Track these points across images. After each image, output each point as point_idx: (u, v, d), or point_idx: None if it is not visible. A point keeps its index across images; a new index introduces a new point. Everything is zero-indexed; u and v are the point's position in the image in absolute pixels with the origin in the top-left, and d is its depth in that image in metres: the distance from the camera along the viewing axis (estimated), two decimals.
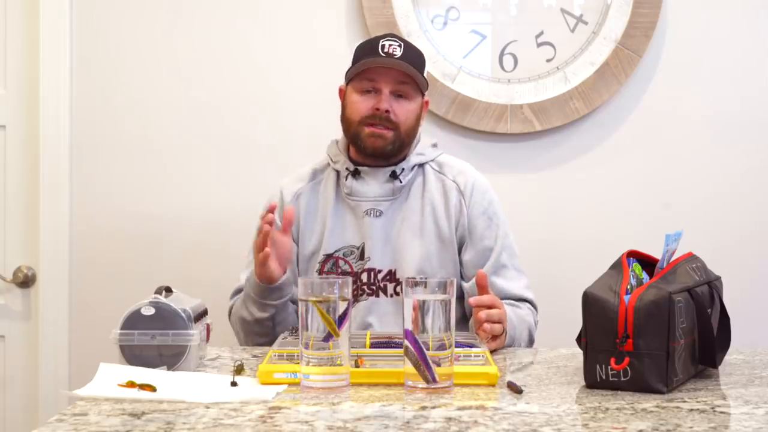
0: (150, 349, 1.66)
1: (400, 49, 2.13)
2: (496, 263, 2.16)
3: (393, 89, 2.13)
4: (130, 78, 2.78)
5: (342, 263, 2.15)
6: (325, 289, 1.54)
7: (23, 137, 2.79)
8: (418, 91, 2.17)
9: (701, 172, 2.76)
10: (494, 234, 2.18)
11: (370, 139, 2.14)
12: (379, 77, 2.13)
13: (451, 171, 2.23)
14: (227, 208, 2.75)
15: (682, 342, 1.57)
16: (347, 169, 2.19)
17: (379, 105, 2.12)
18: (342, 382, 1.53)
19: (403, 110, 2.14)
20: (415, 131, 2.20)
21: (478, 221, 2.18)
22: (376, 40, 2.17)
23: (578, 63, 2.73)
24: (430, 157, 2.23)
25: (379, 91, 2.13)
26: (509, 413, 1.41)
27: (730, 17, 2.76)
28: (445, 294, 1.53)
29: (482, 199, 2.20)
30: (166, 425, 1.33)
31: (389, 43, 2.14)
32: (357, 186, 2.18)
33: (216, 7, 2.77)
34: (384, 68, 2.12)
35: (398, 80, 2.13)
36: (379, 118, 2.12)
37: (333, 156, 2.23)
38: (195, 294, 1.86)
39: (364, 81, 2.14)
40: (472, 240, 2.17)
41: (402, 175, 2.18)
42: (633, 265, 1.65)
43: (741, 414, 1.42)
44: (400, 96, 2.14)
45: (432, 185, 2.20)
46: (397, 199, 2.18)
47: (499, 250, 2.17)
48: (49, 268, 2.76)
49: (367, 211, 2.17)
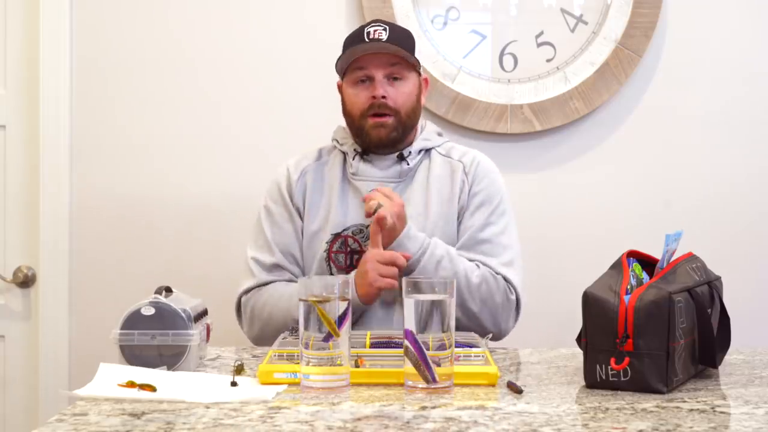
0: (150, 349, 1.66)
1: (386, 32, 2.13)
2: (471, 239, 2.12)
3: (385, 73, 2.13)
4: (130, 78, 2.78)
5: (351, 242, 2.14)
6: (325, 289, 1.54)
7: (23, 137, 2.79)
8: (411, 70, 2.16)
9: (701, 172, 2.76)
10: (485, 212, 2.14)
11: (374, 130, 2.13)
12: (369, 64, 2.13)
13: (457, 153, 2.23)
14: (227, 208, 2.75)
15: (682, 342, 1.57)
16: (355, 150, 2.19)
17: (374, 93, 2.12)
18: (342, 382, 1.53)
19: (400, 93, 2.14)
20: (418, 111, 2.20)
21: (474, 200, 2.16)
22: (362, 28, 2.17)
23: (578, 63, 2.73)
24: (437, 143, 2.23)
25: (372, 78, 2.13)
26: (509, 413, 1.41)
27: (730, 17, 2.76)
28: (445, 294, 1.53)
29: (483, 178, 2.18)
30: (166, 425, 1.33)
31: (374, 29, 2.14)
32: (363, 167, 2.18)
33: (216, 7, 2.77)
34: (372, 54, 2.11)
35: (389, 63, 2.13)
36: (378, 107, 2.12)
37: (340, 138, 2.23)
38: (195, 294, 1.86)
39: (356, 71, 2.14)
40: (465, 216, 2.15)
41: (409, 158, 2.17)
42: (633, 265, 1.65)
43: (741, 414, 1.42)
44: (395, 78, 2.14)
45: (438, 168, 2.19)
46: (403, 182, 2.17)
47: (481, 226, 2.12)
48: (49, 268, 2.76)
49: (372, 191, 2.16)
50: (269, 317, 2.10)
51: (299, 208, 2.20)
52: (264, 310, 2.12)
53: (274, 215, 2.20)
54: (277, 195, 2.22)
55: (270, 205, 2.22)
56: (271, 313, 2.10)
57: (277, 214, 2.20)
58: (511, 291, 2.10)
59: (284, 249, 2.18)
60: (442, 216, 2.15)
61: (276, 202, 2.21)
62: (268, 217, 2.21)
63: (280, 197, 2.21)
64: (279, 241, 2.18)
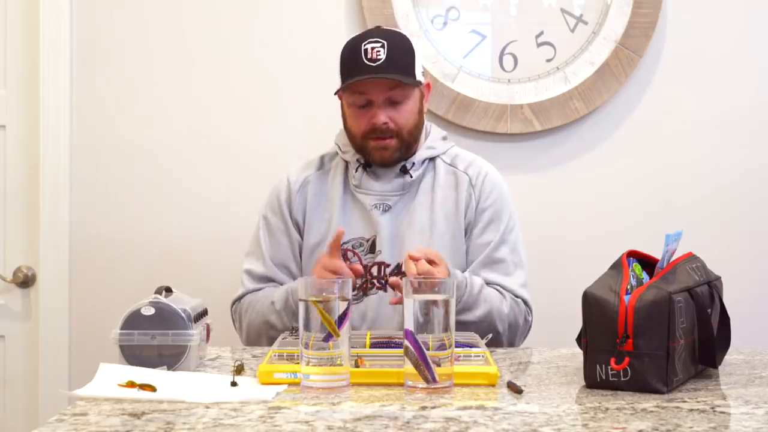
0: (150, 349, 1.66)
1: (384, 50, 2.05)
2: (488, 258, 2.13)
3: (385, 97, 2.09)
4: (130, 78, 2.78)
5: (351, 255, 2.13)
6: (325, 289, 1.54)
7: (23, 137, 2.79)
8: (412, 89, 2.12)
9: (701, 172, 2.76)
10: (496, 229, 2.14)
11: (377, 152, 2.12)
12: (368, 89, 2.08)
13: (462, 163, 2.21)
14: (227, 206, 2.75)
15: (682, 342, 1.57)
16: (358, 161, 2.17)
17: (375, 120, 2.09)
18: (342, 382, 1.53)
19: (401, 115, 2.11)
20: (420, 125, 2.17)
21: (483, 215, 2.15)
22: (359, 44, 2.08)
23: (578, 63, 2.73)
24: (441, 150, 2.21)
25: (372, 103, 2.10)
26: (509, 413, 1.41)
27: (730, 17, 2.76)
28: (446, 294, 1.53)
29: (491, 192, 2.17)
30: (166, 425, 1.33)
31: (372, 47, 2.06)
32: (366, 179, 2.16)
33: (216, 9, 2.77)
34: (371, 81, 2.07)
35: (388, 88, 2.08)
36: (379, 131, 2.10)
37: (342, 145, 2.20)
38: (195, 294, 1.86)
39: (355, 95, 2.11)
40: (474, 233, 2.15)
41: (412, 170, 2.15)
42: (633, 265, 1.65)
43: (741, 414, 1.42)
44: (395, 102, 2.10)
45: (442, 179, 2.17)
46: (407, 194, 2.16)
47: (496, 244, 2.13)
48: (49, 268, 2.76)
49: (375, 205, 2.14)
50: (249, 324, 2.13)
51: (298, 222, 2.19)
52: (245, 318, 2.15)
53: (272, 226, 2.20)
54: (276, 206, 2.21)
55: (269, 216, 2.21)
56: (250, 321, 2.13)
57: (275, 226, 2.20)
58: (529, 313, 2.15)
59: (278, 261, 2.18)
60: (448, 231, 2.14)
61: (275, 213, 2.20)
62: (266, 227, 2.20)
63: (278, 208, 2.20)
64: (274, 252, 2.18)
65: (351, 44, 2.12)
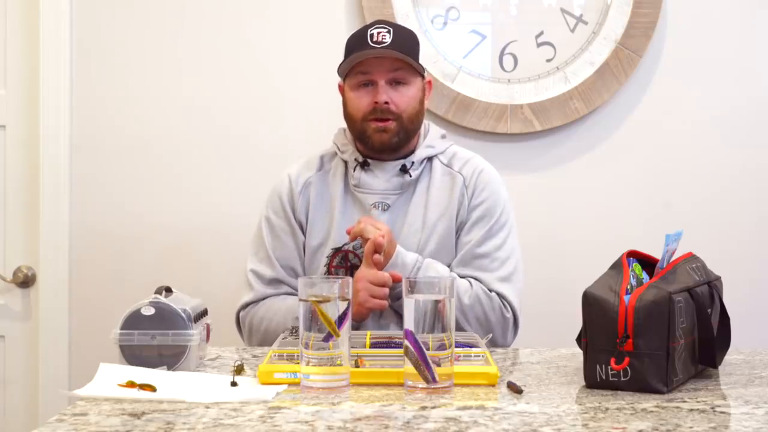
0: (150, 349, 1.66)
1: (390, 35, 2.09)
2: (468, 254, 2.10)
3: (388, 77, 2.10)
4: (130, 78, 2.78)
5: (351, 257, 2.12)
6: (325, 289, 1.54)
7: (23, 137, 2.79)
8: (415, 74, 2.13)
9: (701, 172, 2.76)
10: (484, 225, 2.12)
11: (376, 134, 2.11)
12: (372, 68, 2.10)
13: (458, 162, 2.20)
14: (227, 206, 2.75)
15: (682, 342, 1.57)
16: (356, 160, 2.17)
17: (377, 98, 2.09)
18: (342, 382, 1.54)
19: (402, 98, 2.11)
20: (420, 115, 2.17)
21: (474, 213, 2.14)
22: (365, 29, 2.13)
23: (578, 63, 2.73)
24: (440, 149, 2.20)
25: (375, 83, 2.10)
26: (509, 413, 1.41)
27: (731, 17, 2.76)
28: (445, 294, 1.53)
29: (483, 190, 2.16)
30: (166, 425, 1.33)
31: (378, 31, 2.10)
32: (365, 178, 2.16)
33: (216, 9, 2.77)
34: (375, 59, 2.09)
35: (392, 68, 2.10)
36: (380, 111, 2.09)
37: (341, 145, 2.20)
38: (195, 294, 1.86)
39: (358, 75, 2.12)
40: (463, 231, 2.14)
41: (412, 169, 2.15)
42: (633, 265, 1.65)
43: (741, 414, 1.42)
44: (397, 83, 2.11)
45: (438, 180, 2.17)
46: (405, 193, 2.16)
47: (480, 240, 2.11)
48: (49, 268, 2.76)
49: (374, 204, 2.14)
50: (266, 332, 2.11)
51: (301, 223, 2.18)
52: (261, 325, 2.13)
53: (275, 228, 2.19)
54: (279, 207, 2.19)
55: (271, 217, 2.20)
56: (267, 329, 2.11)
57: (278, 227, 2.18)
58: (507, 308, 2.09)
59: (284, 263, 2.16)
60: (440, 231, 2.13)
61: (277, 214, 2.19)
62: (269, 229, 2.19)
63: (281, 210, 2.19)
64: (279, 254, 2.17)
65: (357, 31, 2.17)
